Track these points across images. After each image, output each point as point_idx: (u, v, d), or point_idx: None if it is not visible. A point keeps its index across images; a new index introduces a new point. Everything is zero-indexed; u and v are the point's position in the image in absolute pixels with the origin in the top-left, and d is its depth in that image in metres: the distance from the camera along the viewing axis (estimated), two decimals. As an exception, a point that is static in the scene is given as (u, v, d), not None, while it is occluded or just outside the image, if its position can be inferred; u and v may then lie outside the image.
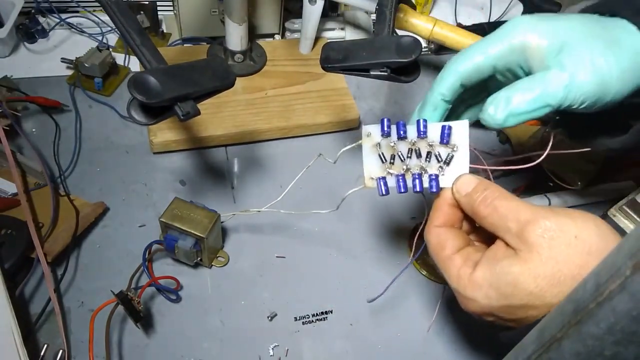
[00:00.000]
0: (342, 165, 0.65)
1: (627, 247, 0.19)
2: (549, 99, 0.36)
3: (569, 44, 0.36)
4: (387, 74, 0.49)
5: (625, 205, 0.63)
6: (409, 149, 0.40)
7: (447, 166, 0.39)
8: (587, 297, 0.20)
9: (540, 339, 0.24)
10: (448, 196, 0.39)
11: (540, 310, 0.33)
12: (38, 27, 0.76)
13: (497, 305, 0.34)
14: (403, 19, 0.74)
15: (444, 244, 0.38)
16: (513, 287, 0.33)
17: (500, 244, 0.36)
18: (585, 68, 0.36)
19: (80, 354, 0.49)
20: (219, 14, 0.78)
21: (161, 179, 0.64)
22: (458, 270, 0.37)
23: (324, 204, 0.52)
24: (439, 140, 0.39)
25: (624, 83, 0.37)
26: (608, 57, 0.36)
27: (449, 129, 0.39)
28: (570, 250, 0.33)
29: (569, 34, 0.37)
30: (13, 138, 0.61)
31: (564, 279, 0.32)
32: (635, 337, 0.19)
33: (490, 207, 0.36)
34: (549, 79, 0.36)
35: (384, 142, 0.41)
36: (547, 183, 0.68)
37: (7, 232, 0.52)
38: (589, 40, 0.36)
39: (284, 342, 0.53)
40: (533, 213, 0.34)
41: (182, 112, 0.42)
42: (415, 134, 0.40)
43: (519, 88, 0.37)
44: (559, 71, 0.36)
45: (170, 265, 0.56)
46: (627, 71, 0.37)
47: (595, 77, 0.36)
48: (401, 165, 0.40)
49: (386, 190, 0.41)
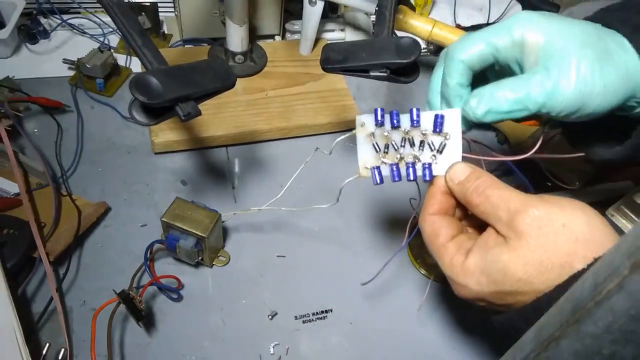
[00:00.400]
0: (340, 162, 0.66)
1: (625, 246, 0.19)
2: (529, 103, 0.37)
3: (562, 49, 0.37)
4: (386, 74, 0.49)
5: (623, 205, 0.63)
6: (402, 138, 0.40)
7: (440, 154, 0.40)
8: (586, 296, 0.20)
9: (539, 337, 0.24)
10: (441, 184, 0.40)
11: (529, 296, 0.34)
12: (40, 28, 0.76)
13: (488, 291, 0.35)
14: (402, 20, 0.74)
15: (438, 232, 0.39)
16: (503, 274, 0.34)
17: (491, 231, 0.37)
18: (569, 78, 0.36)
19: (82, 353, 0.49)
20: (219, 15, 0.78)
21: (162, 179, 0.64)
22: (451, 258, 0.37)
23: (324, 201, 0.52)
24: (432, 129, 0.40)
25: (606, 97, 0.37)
26: (595, 71, 0.36)
27: (441, 117, 0.39)
28: (557, 238, 0.33)
29: (565, 39, 0.37)
30: (15, 138, 0.62)
31: (552, 267, 0.33)
32: (633, 336, 0.19)
33: (482, 195, 0.37)
34: (533, 84, 0.36)
35: (377, 132, 0.41)
36: (545, 183, 0.68)
37: (9, 231, 0.52)
38: (582, 50, 0.36)
39: (284, 340, 0.53)
40: (523, 202, 0.35)
41: (183, 112, 0.42)
42: (409, 123, 0.40)
43: (503, 87, 0.37)
44: (544, 77, 0.36)
45: (171, 265, 0.56)
46: (612, 86, 0.37)
47: (577, 89, 0.36)
48: (395, 154, 0.41)
49: (380, 180, 0.41)
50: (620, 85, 0.37)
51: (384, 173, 0.41)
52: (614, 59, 0.37)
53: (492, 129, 0.74)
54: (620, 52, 0.38)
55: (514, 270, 0.34)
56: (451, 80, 0.39)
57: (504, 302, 0.36)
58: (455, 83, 0.39)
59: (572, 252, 0.33)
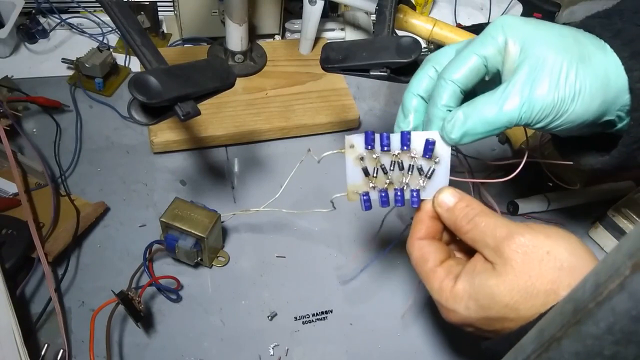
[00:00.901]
0: (341, 164, 0.66)
1: (627, 246, 0.19)
2: (504, 120, 0.36)
3: (536, 56, 0.36)
4: (387, 74, 0.49)
5: (624, 205, 0.63)
6: (391, 161, 0.40)
7: (428, 179, 0.40)
8: (587, 296, 0.20)
9: (540, 338, 0.24)
10: (429, 209, 0.40)
11: (516, 322, 0.35)
12: (39, 28, 0.76)
13: (476, 317, 0.36)
14: (403, 19, 0.74)
15: (427, 257, 0.39)
16: (490, 299, 0.35)
17: (479, 257, 0.37)
18: (542, 85, 0.36)
19: (81, 354, 0.49)
20: (219, 14, 0.78)
21: (161, 179, 0.64)
22: (440, 282, 0.38)
23: (324, 203, 0.52)
24: (422, 153, 0.39)
25: (584, 102, 0.37)
26: (569, 75, 0.36)
27: (432, 143, 0.39)
28: (542, 265, 0.34)
29: (541, 44, 0.37)
30: (14, 138, 0.62)
31: (537, 293, 0.34)
32: (635, 337, 0.19)
33: (472, 223, 0.37)
34: (507, 98, 0.36)
35: (367, 154, 0.40)
36: (547, 183, 0.68)
37: (7, 232, 0.52)
38: (557, 55, 0.36)
39: (284, 341, 0.53)
40: (509, 229, 0.36)
41: (183, 112, 0.42)
42: (399, 145, 0.39)
43: (477, 107, 0.37)
44: (518, 87, 0.36)
45: (170, 265, 0.56)
46: (589, 89, 0.36)
47: (551, 95, 0.36)
48: (384, 178, 0.41)
49: (368, 206, 0.41)
50: (598, 88, 0.37)
51: (372, 198, 0.41)
52: (592, 62, 0.37)
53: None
54: (600, 55, 0.37)
55: (500, 295, 0.34)
56: (440, 101, 0.39)
57: (492, 328, 0.36)
58: (442, 105, 0.39)
59: (556, 279, 0.34)
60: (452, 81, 0.38)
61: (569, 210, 0.68)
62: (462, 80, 0.38)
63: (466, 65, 0.38)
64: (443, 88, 0.38)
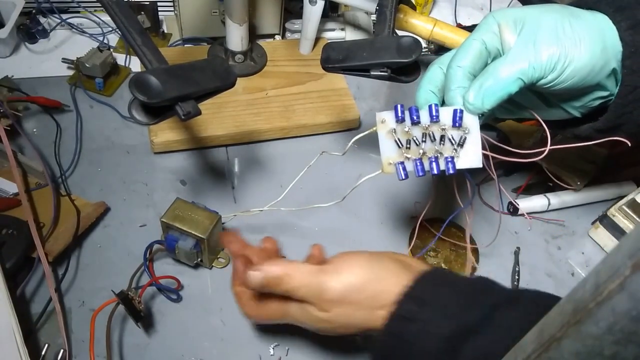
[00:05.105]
0: (342, 165, 0.66)
1: (627, 246, 0.19)
2: (517, 74, 0.40)
3: (532, 22, 0.41)
4: (387, 74, 0.49)
5: (624, 205, 0.63)
6: (423, 133, 0.41)
7: (461, 148, 0.41)
8: (587, 296, 0.20)
9: (540, 338, 0.24)
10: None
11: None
12: (39, 28, 0.76)
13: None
14: (403, 19, 0.74)
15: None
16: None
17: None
18: (544, 39, 0.40)
19: (81, 354, 0.49)
20: (219, 14, 0.78)
21: (162, 178, 0.64)
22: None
23: (325, 202, 0.52)
24: (451, 123, 0.41)
25: (587, 48, 0.40)
26: (567, 28, 0.40)
27: (460, 112, 0.41)
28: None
29: (534, 14, 0.41)
30: (14, 138, 0.62)
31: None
32: (635, 337, 0.19)
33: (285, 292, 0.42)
34: (514, 54, 0.40)
35: (398, 128, 0.42)
36: (547, 183, 0.68)
37: (8, 231, 0.52)
38: (550, 15, 0.41)
39: (284, 341, 0.53)
40: (320, 286, 0.41)
41: (183, 112, 0.42)
42: (428, 118, 0.41)
43: (488, 70, 0.41)
44: (522, 46, 0.40)
45: (171, 265, 0.56)
46: (589, 37, 0.40)
47: (555, 45, 0.39)
48: (417, 149, 0.42)
49: (405, 175, 0.42)
50: (595, 36, 0.40)
51: (408, 168, 0.42)
52: (583, 18, 0.41)
53: (494, 129, 0.74)
54: (588, 15, 0.42)
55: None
56: (455, 83, 0.42)
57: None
58: (457, 86, 0.42)
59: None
60: (460, 67, 0.41)
61: (569, 210, 0.69)
62: (469, 65, 0.41)
63: (469, 51, 0.42)
64: (454, 73, 0.42)
